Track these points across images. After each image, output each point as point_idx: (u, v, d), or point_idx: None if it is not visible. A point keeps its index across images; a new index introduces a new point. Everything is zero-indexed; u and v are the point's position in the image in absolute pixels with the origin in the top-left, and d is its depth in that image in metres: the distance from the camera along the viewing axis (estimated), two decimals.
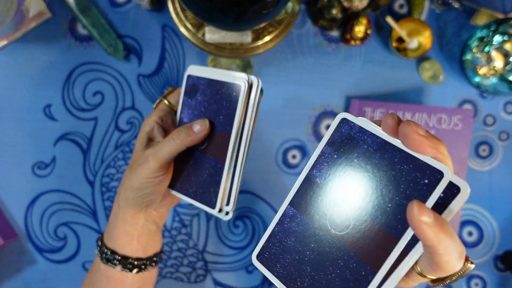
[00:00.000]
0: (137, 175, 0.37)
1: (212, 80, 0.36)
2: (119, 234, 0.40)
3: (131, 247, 0.40)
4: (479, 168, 0.61)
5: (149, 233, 0.41)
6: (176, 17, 0.51)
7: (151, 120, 0.40)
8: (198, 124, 0.36)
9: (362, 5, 0.56)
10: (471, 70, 0.57)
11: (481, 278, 0.61)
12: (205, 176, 0.37)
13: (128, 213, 0.39)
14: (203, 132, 0.36)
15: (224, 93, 0.35)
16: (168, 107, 0.41)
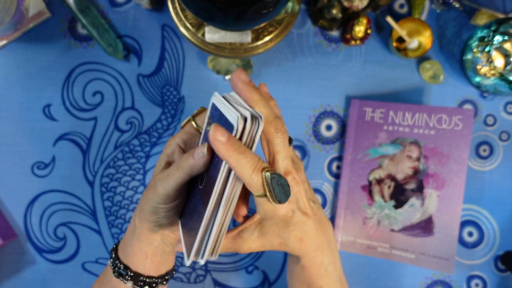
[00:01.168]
0: (149, 199, 0.36)
1: (221, 112, 0.32)
2: (135, 251, 0.39)
3: (144, 266, 0.40)
4: (480, 168, 0.61)
5: (163, 253, 0.41)
6: (176, 17, 0.51)
7: (174, 143, 0.38)
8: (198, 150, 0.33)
9: (362, 5, 0.56)
10: (472, 70, 0.57)
11: (481, 279, 0.61)
12: (194, 218, 0.34)
13: (144, 233, 0.39)
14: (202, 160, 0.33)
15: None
16: (195, 130, 0.38)
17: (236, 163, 0.28)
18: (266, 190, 0.30)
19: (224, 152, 0.28)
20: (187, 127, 0.39)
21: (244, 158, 0.29)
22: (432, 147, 0.58)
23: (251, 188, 0.30)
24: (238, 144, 0.28)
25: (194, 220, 0.34)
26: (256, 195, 0.31)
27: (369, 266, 0.60)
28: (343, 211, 0.59)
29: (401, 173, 0.58)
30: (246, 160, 0.29)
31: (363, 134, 0.59)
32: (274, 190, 0.30)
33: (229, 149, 0.28)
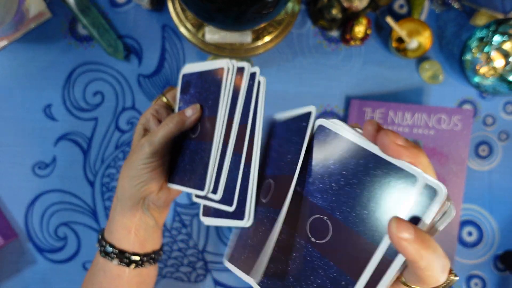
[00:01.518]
0: (132, 162, 0.38)
1: (201, 71, 0.37)
2: (117, 227, 0.40)
3: (128, 241, 0.40)
4: (479, 168, 0.61)
5: (147, 227, 0.41)
6: (176, 17, 0.51)
7: (147, 113, 0.41)
8: (190, 109, 0.37)
9: (362, 5, 0.56)
10: (471, 70, 0.57)
11: (480, 278, 0.61)
12: (197, 162, 0.37)
13: (126, 205, 0.39)
14: (195, 115, 0.37)
15: (211, 80, 0.36)
16: (165, 104, 0.42)
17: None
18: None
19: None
20: (159, 102, 0.42)
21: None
22: (431, 147, 0.58)
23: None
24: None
25: (197, 163, 0.36)
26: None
27: None
28: None
29: None
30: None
31: None
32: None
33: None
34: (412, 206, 0.21)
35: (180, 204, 0.59)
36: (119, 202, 0.40)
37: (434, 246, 0.21)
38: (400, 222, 0.20)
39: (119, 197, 0.40)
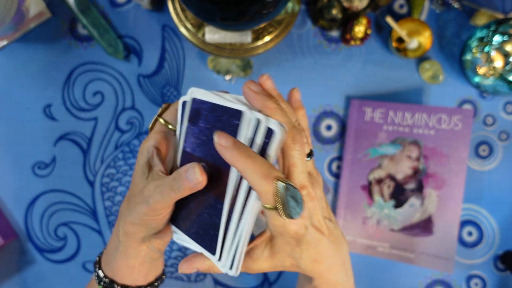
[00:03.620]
0: (137, 212, 0.33)
1: (215, 104, 0.31)
2: (120, 266, 0.37)
3: (132, 277, 0.38)
4: (479, 168, 0.61)
5: (151, 261, 0.38)
6: (176, 17, 0.51)
7: (149, 145, 0.35)
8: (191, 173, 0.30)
9: (362, 5, 0.56)
10: (471, 70, 0.57)
11: (481, 278, 0.61)
12: (205, 216, 0.33)
13: (130, 247, 0.36)
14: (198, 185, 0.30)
15: (225, 120, 0.30)
16: (165, 127, 0.36)
17: (244, 168, 0.27)
18: (277, 202, 0.28)
19: (230, 157, 0.27)
20: (157, 125, 0.36)
21: (252, 163, 0.27)
22: (431, 147, 0.58)
23: (261, 197, 0.28)
24: (245, 148, 0.27)
25: (205, 217, 0.33)
26: (266, 207, 0.28)
27: (369, 265, 0.60)
28: (343, 211, 0.59)
29: (401, 173, 0.58)
30: (254, 165, 0.27)
31: (363, 134, 0.59)
32: (286, 203, 0.28)
33: (236, 153, 0.27)
34: (257, 142, 0.28)
35: None
36: (122, 244, 0.36)
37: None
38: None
39: (122, 240, 0.36)
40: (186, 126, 0.34)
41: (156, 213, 0.33)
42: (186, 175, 0.31)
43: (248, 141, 0.28)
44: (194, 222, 0.34)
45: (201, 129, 0.33)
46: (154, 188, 0.33)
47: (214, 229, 0.32)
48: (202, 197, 0.33)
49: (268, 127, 0.27)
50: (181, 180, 0.31)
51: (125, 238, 0.36)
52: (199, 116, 0.33)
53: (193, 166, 0.30)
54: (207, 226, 0.33)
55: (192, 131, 0.34)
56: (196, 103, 0.33)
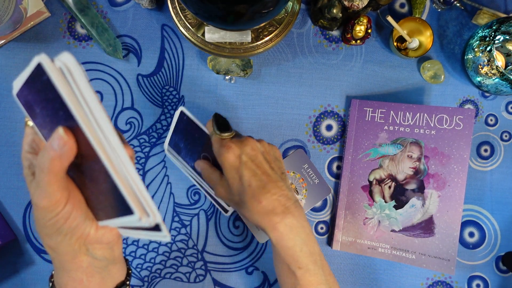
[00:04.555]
0: (38, 220, 0.30)
1: (25, 81, 0.28)
2: (66, 282, 0.34)
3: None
4: (481, 168, 0.61)
5: (100, 270, 0.34)
6: (175, 16, 0.51)
7: (24, 153, 0.32)
8: (54, 139, 0.27)
9: (362, 4, 0.56)
10: (473, 69, 0.57)
11: (482, 279, 0.60)
12: (103, 186, 0.28)
13: (65, 261, 0.32)
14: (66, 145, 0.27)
15: (42, 86, 0.26)
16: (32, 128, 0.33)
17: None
18: (213, 125, 0.44)
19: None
20: (26, 129, 0.33)
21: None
22: (433, 147, 0.57)
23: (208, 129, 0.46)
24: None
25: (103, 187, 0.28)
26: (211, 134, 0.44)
27: (369, 266, 0.60)
28: (343, 212, 0.58)
29: (402, 173, 0.58)
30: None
31: (363, 134, 0.59)
32: (216, 124, 0.44)
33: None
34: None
35: (179, 204, 0.59)
36: (55, 260, 0.33)
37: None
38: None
39: (52, 255, 0.33)
40: (35, 122, 0.31)
41: (51, 212, 0.29)
42: (50, 144, 0.27)
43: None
44: (103, 202, 0.29)
45: (41, 115, 0.29)
46: (32, 185, 0.29)
47: (114, 189, 0.27)
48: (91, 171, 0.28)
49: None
50: (45, 153, 0.27)
51: (54, 253, 0.32)
52: (31, 105, 0.29)
53: (54, 132, 0.27)
54: (109, 194, 0.28)
55: (38, 124, 0.30)
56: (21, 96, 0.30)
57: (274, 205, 0.41)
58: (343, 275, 0.60)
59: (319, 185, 0.59)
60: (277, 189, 0.42)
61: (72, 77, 0.25)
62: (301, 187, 0.59)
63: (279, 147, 0.60)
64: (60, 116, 0.26)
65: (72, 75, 0.24)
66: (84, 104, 0.25)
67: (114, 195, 0.27)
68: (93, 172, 0.28)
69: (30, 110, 0.29)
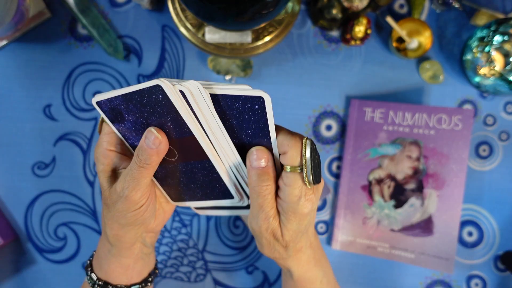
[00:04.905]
0: (119, 212, 0.33)
1: (125, 94, 0.31)
2: (113, 268, 0.37)
3: (126, 277, 0.38)
4: (479, 168, 0.61)
5: (144, 257, 0.39)
6: (176, 17, 0.51)
7: (103, 150, 0.34)
8: (151, 138, 0.31)
9: (362, 5, 0.56)
10: (471, 70, 0.57)
11: (481, 278, 0.61)
12: (201, 179, 0.35)
13: (123, 248, 0.36)
14: (160, 145, 0.31)
15: (151, 101, 0.30)
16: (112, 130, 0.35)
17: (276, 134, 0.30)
18: (303, 162, 0.29)
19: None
20: (105, 127, 0.34)
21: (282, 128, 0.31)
22: (432, 147, 0.58)
23: (287, 156, 0.30)
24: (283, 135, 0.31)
25: (202, 180, 0.35)
26: (288, 169, 0.30)
27: (369, 266, 0.60)
28: (343, 211, 0.59)
29: (401, 173, 0.58)
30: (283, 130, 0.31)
31: (363, 134, 0.59)
32: (312, 164, 0.29)
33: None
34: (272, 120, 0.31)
35: None
36: (114, 247, 0.36)
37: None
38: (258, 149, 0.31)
39: (113, 242, 0.36)
40: (116, 128, 0.34)
41: (137, 204, 0.32)
42: (146, 143, 0.31)
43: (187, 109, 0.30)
44: (196, 189, 0.36)
45: (132, 122, 0.32)
46: (124, 179, 0.32)
47: (218, 181, 0.34)
48: (189, 168, 0.34)
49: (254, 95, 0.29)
50: (144, 151, 0.31)
51: (117, 241, 0.35)
52: (120, 112, 0.32)
53: (147, 131, 0.31)
54: (210, 184, 0.35)
55: (124, 128, 0.33)
56: (103, 104, 0.32)
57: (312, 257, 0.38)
58: (343, 274, 0.60)
59: None
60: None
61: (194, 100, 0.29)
62: None
63: None
64: (166, 126, 0.31)
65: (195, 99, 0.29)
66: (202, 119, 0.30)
67: (215, 185, 0.35)
68: (193, 170, 0.34)
69: (115, 115, 0.33)
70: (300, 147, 0.30)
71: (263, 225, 0.32)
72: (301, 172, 0.30)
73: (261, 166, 0.31)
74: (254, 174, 0.31)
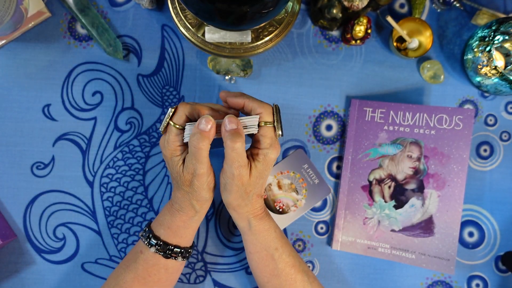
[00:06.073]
0: (198, 186, 0.44)
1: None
2: (191, 232, 0.49)
3: (190, 239, 0.50)
4: (480, 168, 0.61)
5: (199, 220, 0.49)
6: (175, 16, 0.51)
7: (175, 147, 0.45)
8: (204, 122, 0.41)
9: (362, 4, 0.56)
10: (472, 70, 0.57)
11: (482, 279, 0.61)
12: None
13: (204, 213, 0.48)
14: (209, 128, 0.41)
15: None
16: (178, 131, 0.44)
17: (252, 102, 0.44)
18: (274, 118, 0.44)
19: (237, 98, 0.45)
20: (174, 130, 0.45)
21: (251, 97, 0.46)
22: (432, 147, 0.57)
23: (262, 114, 0.43)
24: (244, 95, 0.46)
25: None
26: (263, 123, 0.43)
27: (369, 266, 0.60)
28: (343, 211, 0.59)
29: (402, 173, 0.58)
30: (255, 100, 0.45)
31: (363, 134, 0.59)
32: (279, 120, 0.45)
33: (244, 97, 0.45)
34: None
35: None
36: (199, 213, 0.47)
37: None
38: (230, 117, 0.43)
39: (200, 209, 0.47)
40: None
41: (208, 175, 0.44)
42: (200, 127, 0.41)
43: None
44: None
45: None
46: (190, 160, 0.43)
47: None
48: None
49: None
50: (198, 133, 0.41)
51: (203, 206, 0.46)
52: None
53: (200, 118, 0.42)
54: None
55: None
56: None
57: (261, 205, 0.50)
58: (343, 275, 0.60)
59: (319, 185, 0.59)
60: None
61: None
62: (301, 187, 0.59)
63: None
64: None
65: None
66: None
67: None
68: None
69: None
70: (270, 108, 0.44)
71: (235, 171, 0.42)
72: (272, 126, 0.44)
73: (233, 128, 0.41)
74: (228, 134, 0.41)
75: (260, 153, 0.44)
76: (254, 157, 0.45)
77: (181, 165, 0.44)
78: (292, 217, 0.59)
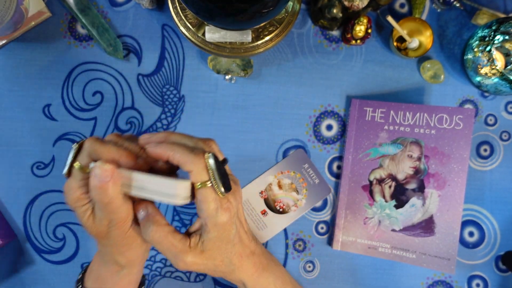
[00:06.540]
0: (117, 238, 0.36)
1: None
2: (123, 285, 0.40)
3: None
4: (480, 168, 0.61)
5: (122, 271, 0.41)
6: (176, 16, 0.51)
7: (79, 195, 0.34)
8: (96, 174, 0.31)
9: (362, 4, 0.56)
10: (472, 69, 0.57)
11: (482, 279, 0.61)
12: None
13: (134, 266, 0.39)
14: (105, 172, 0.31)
15: None
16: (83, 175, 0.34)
17: (172, 151, 0.31)
18: (210, 174, 0.31)
19: (159, 150, 0.32)
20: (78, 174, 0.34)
21: (178, 146, 0.31)
22: (433, 146, 0.57)
23: (193, 175, 0.31)
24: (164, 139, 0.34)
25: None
26: (198, 186, 0.31)
27: (370, 266, 0.60)
28: (343, 211, 0.58)
29: (402, 173, 0.58)
30: (179, 147, 0.31)
31: (363, 134, 0.59)
32: (218, 173, 0.31)
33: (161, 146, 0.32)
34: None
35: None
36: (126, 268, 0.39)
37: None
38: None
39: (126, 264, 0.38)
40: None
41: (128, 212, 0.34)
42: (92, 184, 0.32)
43: None
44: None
45: None
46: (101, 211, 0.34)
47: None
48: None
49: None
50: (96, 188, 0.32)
51: (132, 259, 0.38)
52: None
53: (93, 168, 0.31)
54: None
55: None
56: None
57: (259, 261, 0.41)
58: (344, 275, 0.60)
59: (319, 185, 0.59)
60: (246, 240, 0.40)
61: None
62: (301, 187, 0.59)
63: (279, 147, 0.60)
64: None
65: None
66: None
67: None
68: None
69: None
70: (203, 162, 0.31)
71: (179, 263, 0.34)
72: (211, 186, 0.32)
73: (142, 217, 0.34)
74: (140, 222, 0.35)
75: (207, 223, 0.33)
76: (202, 228, 0.34)
77: (89, 216, 0.35)
78: (292, 217, 0.59)
